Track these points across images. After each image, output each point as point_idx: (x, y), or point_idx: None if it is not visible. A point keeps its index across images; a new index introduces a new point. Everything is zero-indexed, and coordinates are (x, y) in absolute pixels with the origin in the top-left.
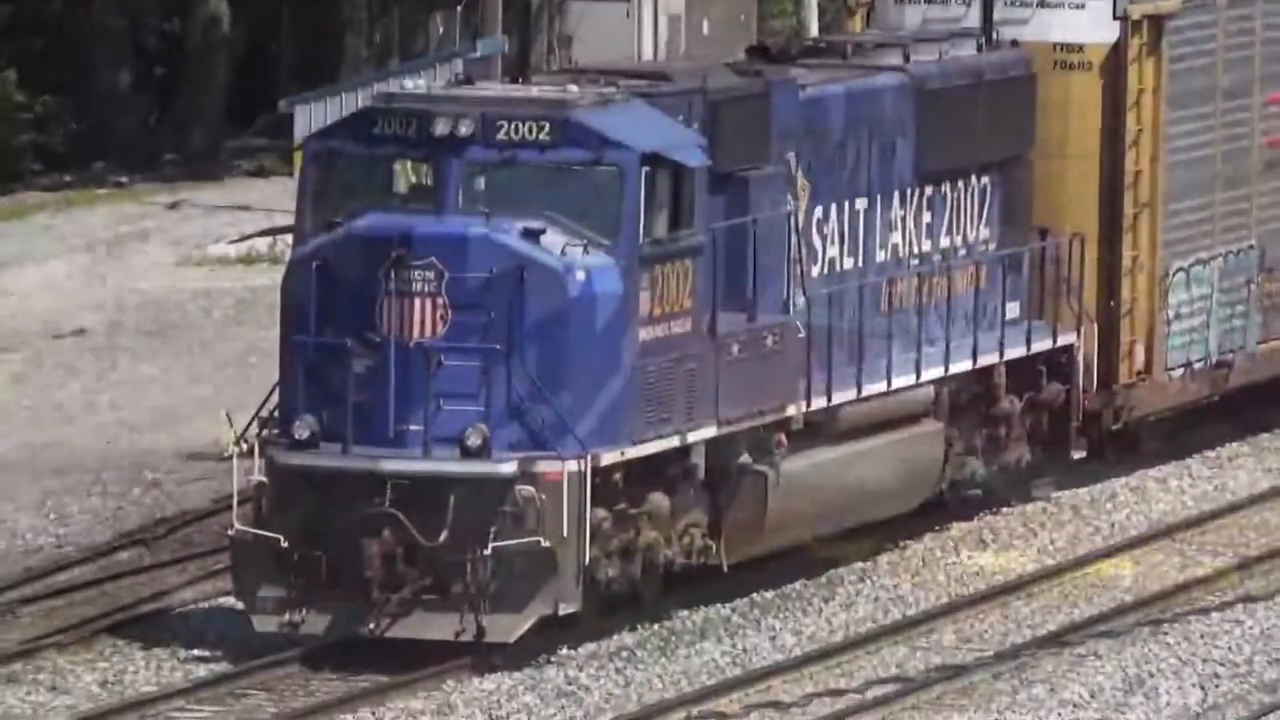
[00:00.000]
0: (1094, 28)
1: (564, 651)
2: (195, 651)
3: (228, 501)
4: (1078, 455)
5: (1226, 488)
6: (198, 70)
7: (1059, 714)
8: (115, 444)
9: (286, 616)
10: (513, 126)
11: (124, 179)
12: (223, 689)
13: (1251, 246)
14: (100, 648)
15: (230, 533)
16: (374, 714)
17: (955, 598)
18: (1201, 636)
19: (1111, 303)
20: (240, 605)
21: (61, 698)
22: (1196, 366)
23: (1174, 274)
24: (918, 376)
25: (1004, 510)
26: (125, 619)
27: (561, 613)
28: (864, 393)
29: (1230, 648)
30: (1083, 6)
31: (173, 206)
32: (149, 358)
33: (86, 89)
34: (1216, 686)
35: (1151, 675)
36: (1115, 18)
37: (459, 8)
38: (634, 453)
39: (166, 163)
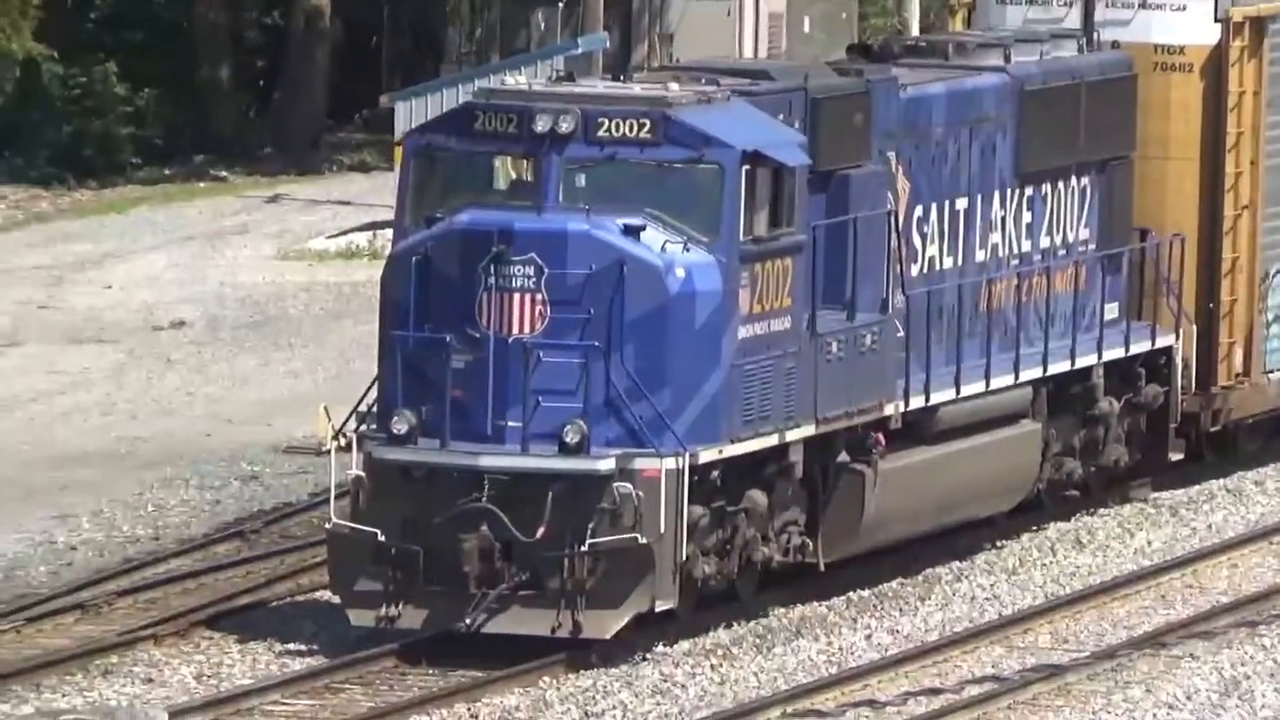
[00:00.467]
0: (1195, 29)
1: (660, 648)
2: (291, 645)
3: (325, 495)
4: (1175, 457)
5: None
6: (298, 63)
7: (1154, 715)
8: (213, 437)
9: (383, 610)
10: (613, 124)
11: (223, 173)
12: (319, 682)
13: None
14: (196, 640)
15: (327, 526)
16: (469, 709)
17: (1051, 598)
18: None
19: (1210, 304)
20: (336, 599)
21: (157, 690)
22: None
23: (1273, 276)
24: (1016, 377)
25: (1101, 511)
26: (221, 612)
27: (658, 609)
28: (962, 393)
29: None
30: (1184, 8)
31: (272, 200)
32: (247, 351)
33: (186, 82)
34: None
35: (1248, 678)
36: (1216, 20)
37: (560, 4)
38: (732, 451)
39: (266, 156)
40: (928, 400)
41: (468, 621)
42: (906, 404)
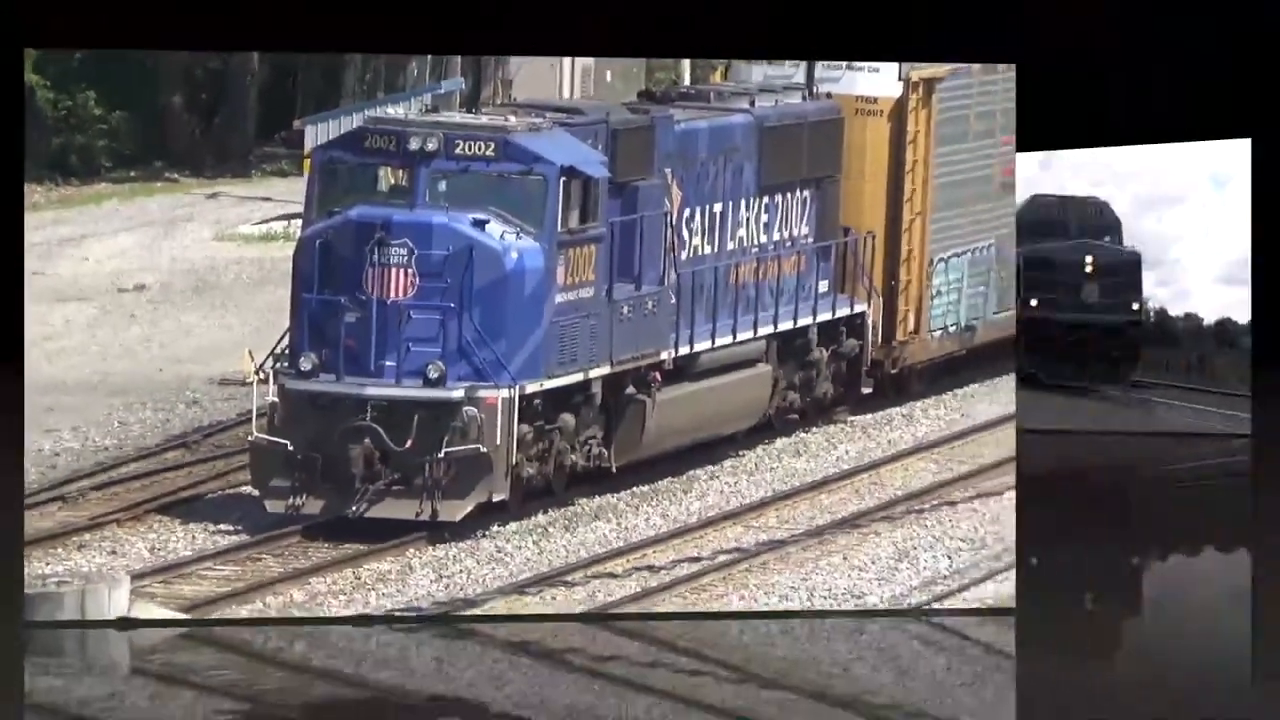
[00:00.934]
0: (885, 85)
1: (495, 528)
2: (221, 526)
3: (249, 416)
4: (866, 391)
5: (969, 415)
6: (234, 96)
7: (849, 575)
8: (164, 372)
9: (291, 501)
10: (467, 144)
11: (176, 176)
12: (242, 554)
13: (990, 244)
14: (150, 523)
15: (250, 439)
16: (354, 573)
17: (777, 492)
18: (950, 521)
19: (892, 282)
20: (256, 493)
21: (119, 560)
22: (951, 329)
23: (937, 262)
24: (755, 332)
25: (813, 430)
26: (169, 502)
27: (494, 500)
28: (716, 343)
29: (970, 529)
30: (878, 70)
31: (212, 197)
32: (192, 309)
33: (150, 108)
34: (959, 555)
35: (914, 548)
36: (900, 79)
37: (429, 56)
38: (550, 384)
39: (208, 165)
40: (692, 348)
41: (354, 509)
42: (676, 351)
